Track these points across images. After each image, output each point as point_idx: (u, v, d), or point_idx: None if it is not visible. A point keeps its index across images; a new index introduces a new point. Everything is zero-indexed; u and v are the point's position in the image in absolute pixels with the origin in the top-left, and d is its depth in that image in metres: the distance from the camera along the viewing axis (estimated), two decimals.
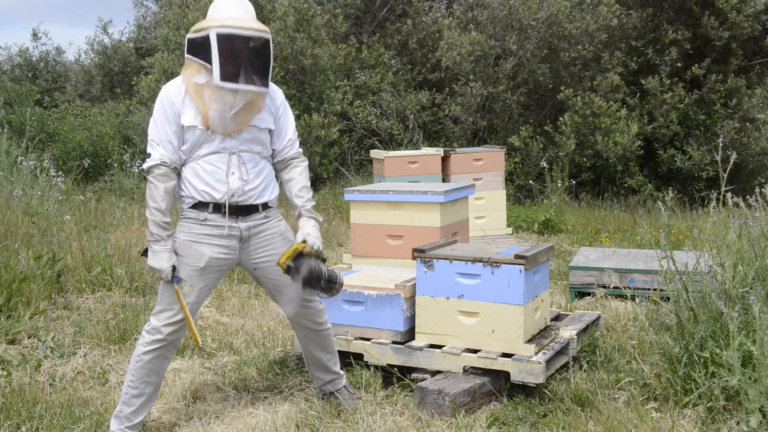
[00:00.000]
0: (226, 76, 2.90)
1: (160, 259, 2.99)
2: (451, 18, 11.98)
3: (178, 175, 3.06)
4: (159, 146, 3.01)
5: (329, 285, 3.11)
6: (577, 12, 10.98)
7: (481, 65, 11.13)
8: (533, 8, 10.73)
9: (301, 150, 3.32)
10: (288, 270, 3.10)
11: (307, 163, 3.32)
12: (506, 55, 11.24)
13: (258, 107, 3.07)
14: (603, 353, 3.93)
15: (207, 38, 2.93)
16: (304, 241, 3.11)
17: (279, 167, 3.26)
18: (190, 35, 3.01)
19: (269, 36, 3.01)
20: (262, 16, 11.13)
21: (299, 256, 3.08)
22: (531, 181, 10.53)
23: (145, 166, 3.05)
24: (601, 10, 10.87)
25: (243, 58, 2.93)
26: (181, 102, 3.01)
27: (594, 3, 11.10)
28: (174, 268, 3.01)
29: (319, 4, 11.98)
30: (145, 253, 3.05)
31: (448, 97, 11.55)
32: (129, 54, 14.69)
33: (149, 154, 3.02)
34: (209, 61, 2.92)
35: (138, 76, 13.15)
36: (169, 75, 10.93)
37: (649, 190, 10.72)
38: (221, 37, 2.90)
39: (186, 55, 3.03)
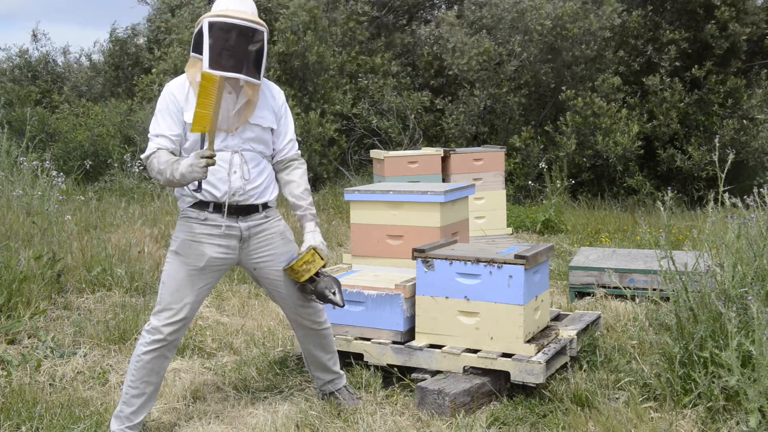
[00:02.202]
0: (214, 64, 2.88)
1: (186, 168, 2.85)
2: (460, 20, 11.91)
3: None
4: (157, 138, 3.01)
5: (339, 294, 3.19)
6: (581, 12, 10.95)
7: (486, 70, 11.13)
8: (542, 14, 10.71)
9: (300, 152, 3.32)
10: (304, 286, 3.17)
11: (306, 165, 3.33)
12: (510, 58, 11.22)
13: (256, 100, 3.06)
14: (603, 353, 3.93)
15: (201, 29, 2.94)
16: (314, 249, 3.14)
17: (278, 168, 3.26)
18: (194, 32, 3.03)
19: (264, 29, 2.99)
20: (270, 14, 11.15)
21: (317, 273, 3.15)
22: (530, 182, 10.52)
23: (143, 156, 3.04)
24: (604, 10, 10.86)
25: (234, 48, 2.91)
26: (184, 99, 3.01)
27: (597, 2, 11.09)
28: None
29: (334, 7, 11.97)
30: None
31: (450, 103, 11.53)
32: (142, 51, 14.68)
33: (148, 147, 3.03)
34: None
35: (140, 76, 13.16)
36: (172, 74, 10.93)
37: (648, 189, 10.72)
38: (212, 26, 2.90)
39: (191, 54, 3.04)
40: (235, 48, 2.91)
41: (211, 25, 2.90)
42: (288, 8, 10.91)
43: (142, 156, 3.04)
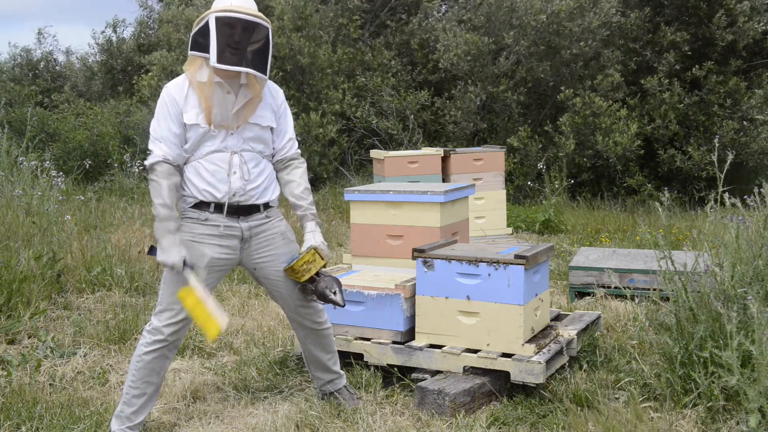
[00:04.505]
0: (222, 58, 2.90)
1: (170, 254, 2.96)
2: (444, 20, 11.94)
3: (181, 173, 3.06)
4: (161, 142, 3.01)
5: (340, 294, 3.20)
6: (578, 10, 10.93)
7: (478, 65, 11.11)
8: (536, 8, 10.69)
9: (299, 151, 3.33)
10: (305, 286, 3.17)
11: (305, 165, 3.33)
12: (502, 52, 11.20)
13: (259, 98, 3.07)
14: (603, 353, 3.93)
15: (206, 25, 2.95)
16: (314, 249, 3.14)
17: (278, 167, 3.27)
18: (193, 31, 3.03)
19: (268, 24, 3.02)
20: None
21: (317, 273, 3.16)
22: (530, 182, 10.52)
23: (147, 162, 3.04)
24: (603, 7, 10.83)
25: (241, 43, 2.94)
26: (183, 100, 3.01)
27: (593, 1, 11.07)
28: (185, 261, 2.96)
29: (323, 3, 11.96)
30: (151, 251, 3.02)
31: (448, 101, 11.54)
32: (132, 52, 14.68)
33: (151, 151, 3.03)
34: (209, 48, 2.93)
35: (139, 75, 13.15)
36: (169, 73, 10.93)
37: (648, 190, 10.72)
38: (219, 21, 2.92)
39: (189, 52, 3.05)
40: (241, 43, 2.94)
41: (217, 20, 2.92)
42: (275, 10, 10.91)
43: (146, 162, 3.04)
